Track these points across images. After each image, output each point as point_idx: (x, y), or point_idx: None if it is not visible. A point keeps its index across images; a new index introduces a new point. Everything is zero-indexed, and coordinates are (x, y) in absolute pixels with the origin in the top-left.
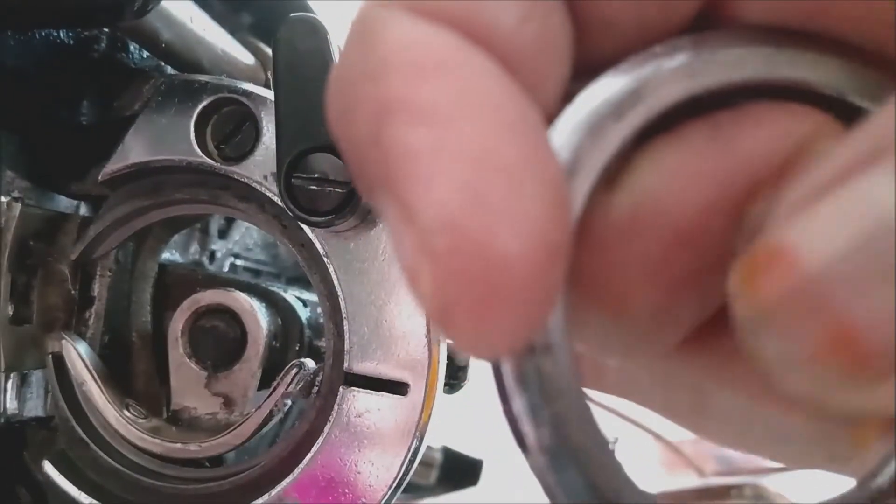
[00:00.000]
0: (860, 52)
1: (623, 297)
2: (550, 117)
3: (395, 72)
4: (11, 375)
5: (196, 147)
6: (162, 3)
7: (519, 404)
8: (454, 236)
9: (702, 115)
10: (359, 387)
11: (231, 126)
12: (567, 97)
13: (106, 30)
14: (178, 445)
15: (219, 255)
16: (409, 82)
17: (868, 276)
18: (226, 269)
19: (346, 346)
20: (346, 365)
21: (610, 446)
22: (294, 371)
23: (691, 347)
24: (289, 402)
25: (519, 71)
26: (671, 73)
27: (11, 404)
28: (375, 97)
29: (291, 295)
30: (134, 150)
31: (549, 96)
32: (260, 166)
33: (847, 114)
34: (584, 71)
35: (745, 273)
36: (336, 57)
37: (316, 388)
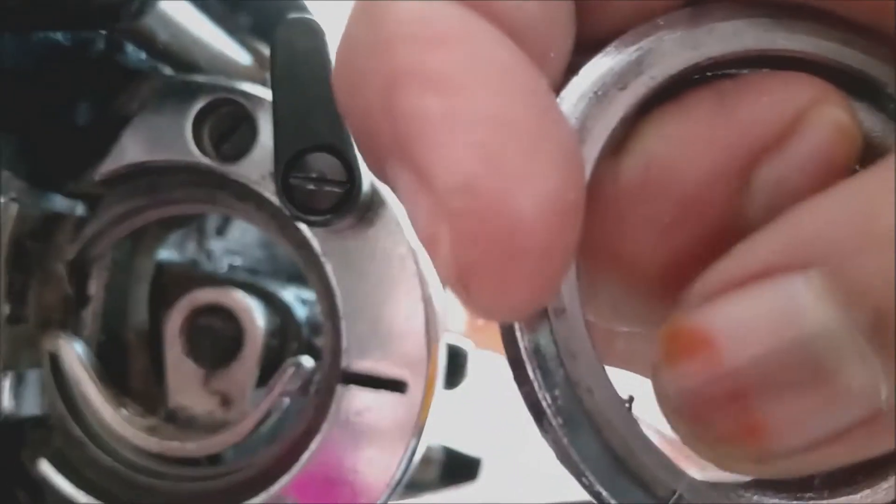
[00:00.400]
0: (854, 22)
1: (633, 260)
2: (555, 89)
3: (404, 42)
4: (8, 374)
5: (193, 147)
6: (159, 4)
7: (532, 368)
8: (471, 197)
9: (704, 85)
10: (357, 385)
11: (228, 126)
12: (571, 71)
13: (103, 31)
14: (176, 444)
15: (216, 253)
16: (418, 52)
17: (782, 382)
18: (223, 267)
19: (344, 345)
20: (343, 363)
21: (626, 406)
22: (292, 369)
23: None
24: (286, 400)
25: (524, 42)
26: (673, 44)
27: (8, 403)
28: (385, 68)
29: (289, 293)
30: (131, 149)
31: (553, 68)
32: (257, 166)
33: (843, 80)
34: (587, 45)
35: (667, 348)
36: (333, 57)
37: (314, 387)
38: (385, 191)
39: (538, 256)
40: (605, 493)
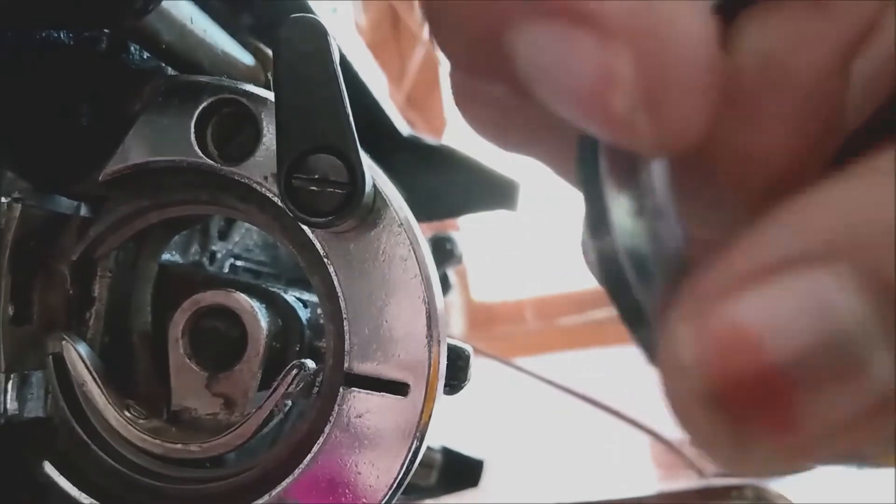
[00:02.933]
0: None
1: (751, 159)
2: None
3: None
4: (12, 376)
5: (196, 148)
6: (162, 4)
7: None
8: (645, 16)
9: None
10: (359, 387)
11: (231, 127)
12: None
13: (106, 31)
14: (179, 446)
15: (219, 255)
16: None
17: (818, 376)
18: (226, 269)
19: (347, 347)
20: (346, 365)
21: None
22: (294, 371)
23: None
24: (289, 402)
25: None
26: None
27: (12, 405)
28: None
29: (292, 296)
30: (134, 150)
31: None
32: (260, 167)
33: None
34: None
35: (700, 342)
36: (336, 57)
37: (316, 389)
38: (387, 192)
39: (704, 73)
40: None
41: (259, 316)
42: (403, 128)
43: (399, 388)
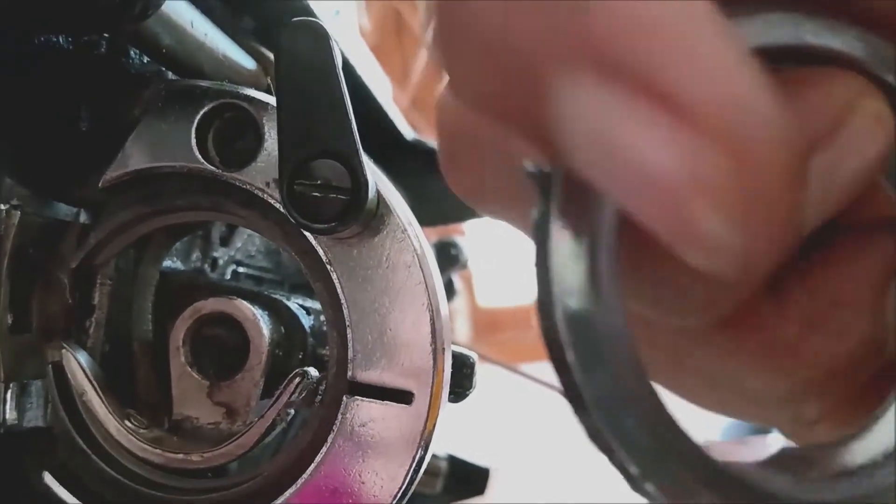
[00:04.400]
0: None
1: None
2: None
3: None
4: (11, 385)
5: (197, 153)
6: (162, 7)
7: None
8: (742, 121)
9: None
10: (363, 395)
11: (233, 132)
12: None
13: (105, 35)
14: (180, 456)
15: (221, 262)
16: None
17: None
18: (228, 276)
19: (350, 355)
20: (349, 373)
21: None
22: (297, 380)
23: None
24: (292, 411)
25: None
26: None
27: (11, 414)
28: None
29: (294, 303)
30: (134, 156)
31: None
32: (262, 173)
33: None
34: None
35: None
36: (339, 60)
37: (319, 397)
38: (391, 197)
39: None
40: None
41: (261, 323)
42: (408, 131)
43: (403, 397)
